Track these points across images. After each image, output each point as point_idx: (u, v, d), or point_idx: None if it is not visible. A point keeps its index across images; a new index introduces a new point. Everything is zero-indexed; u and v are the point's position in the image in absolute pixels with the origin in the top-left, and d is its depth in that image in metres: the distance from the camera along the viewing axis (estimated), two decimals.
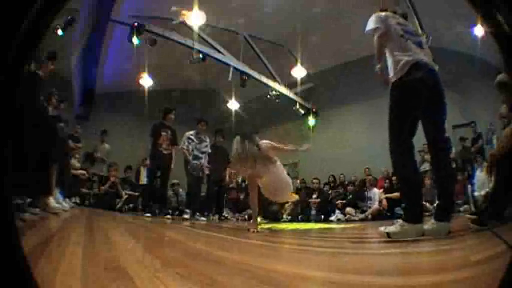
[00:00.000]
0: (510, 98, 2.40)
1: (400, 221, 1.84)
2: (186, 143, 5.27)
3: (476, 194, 4.88)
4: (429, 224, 1.90)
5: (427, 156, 4.21)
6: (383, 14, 2.07)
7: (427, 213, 2.43)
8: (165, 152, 5.15)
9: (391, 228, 1.80)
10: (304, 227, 4.42)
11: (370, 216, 5.76)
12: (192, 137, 5.32)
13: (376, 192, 6.10)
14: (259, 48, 7.95)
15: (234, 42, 7.49)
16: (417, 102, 1.96)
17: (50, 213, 3.01)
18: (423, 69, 1.93)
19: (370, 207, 5.98)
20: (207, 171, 5.45)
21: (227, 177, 6.11)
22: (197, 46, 6.49)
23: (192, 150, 5.24)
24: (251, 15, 6.99)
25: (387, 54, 2.05)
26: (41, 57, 2.94)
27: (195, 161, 5.23)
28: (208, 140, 5.48)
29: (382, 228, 1.85)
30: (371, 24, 2.05)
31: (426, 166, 4.80)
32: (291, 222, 5.88)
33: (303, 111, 8.91)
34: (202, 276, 0.93)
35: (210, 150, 5.44)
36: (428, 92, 1.94)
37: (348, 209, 6.15)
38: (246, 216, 6.30)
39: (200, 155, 5.30)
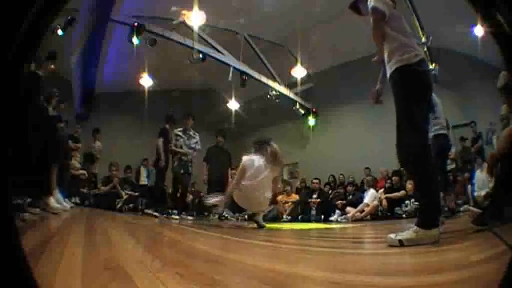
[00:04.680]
0: (510, 98, 2.40)
1: (413, 226, 1.66)
2: (174, 140, 5.24)
3: (476, 194, 4.89)
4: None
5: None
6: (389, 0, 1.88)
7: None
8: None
9: (404, 235, 1.61)
10: (304, 227, 4.42)
11: (369, 217, 5.75)
12: (180, 134, 5.27)
13: (370, 193, 6.07)
14: (259, 48, 7.96)
15: (234, 42, 7.49)
16: (429, 90, 1.81)
17: (50, 213, 3.01)
18: (428, 67, 1.89)
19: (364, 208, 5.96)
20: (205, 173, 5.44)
21: (229, 178, 6.10)
22: (197, 46, 6.49)
23: (181, 147, 5.20)
24: (251, 15, 6.99)
25: (390, 45, 1.85)
26: (41, 57, 2.94)
27: (183, 157, 5.19)
28: (197, 136, 5.40)
29: (392, 236, 1.64)
30: (380, 4, 1.80)
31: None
32: (291, 222, 5.87)
33: (303, 111, 8.91)
34: (202, 276, 0.94)
35: (200, 147, 5.41)
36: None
37: (349, 209, 6.14)
38: (246, 216, 6.30)
39: (189, 151, 5.25)
